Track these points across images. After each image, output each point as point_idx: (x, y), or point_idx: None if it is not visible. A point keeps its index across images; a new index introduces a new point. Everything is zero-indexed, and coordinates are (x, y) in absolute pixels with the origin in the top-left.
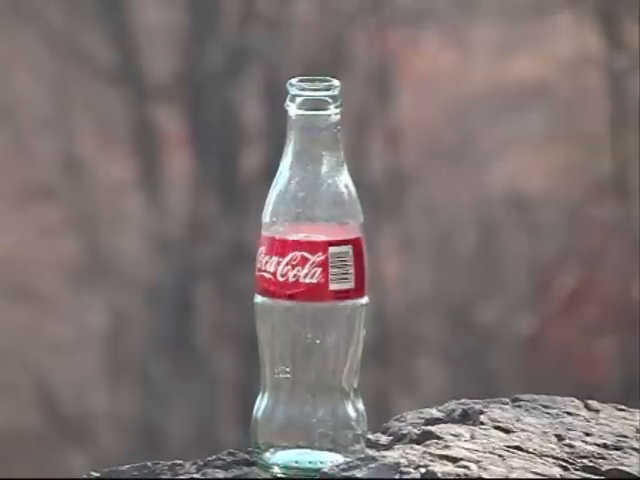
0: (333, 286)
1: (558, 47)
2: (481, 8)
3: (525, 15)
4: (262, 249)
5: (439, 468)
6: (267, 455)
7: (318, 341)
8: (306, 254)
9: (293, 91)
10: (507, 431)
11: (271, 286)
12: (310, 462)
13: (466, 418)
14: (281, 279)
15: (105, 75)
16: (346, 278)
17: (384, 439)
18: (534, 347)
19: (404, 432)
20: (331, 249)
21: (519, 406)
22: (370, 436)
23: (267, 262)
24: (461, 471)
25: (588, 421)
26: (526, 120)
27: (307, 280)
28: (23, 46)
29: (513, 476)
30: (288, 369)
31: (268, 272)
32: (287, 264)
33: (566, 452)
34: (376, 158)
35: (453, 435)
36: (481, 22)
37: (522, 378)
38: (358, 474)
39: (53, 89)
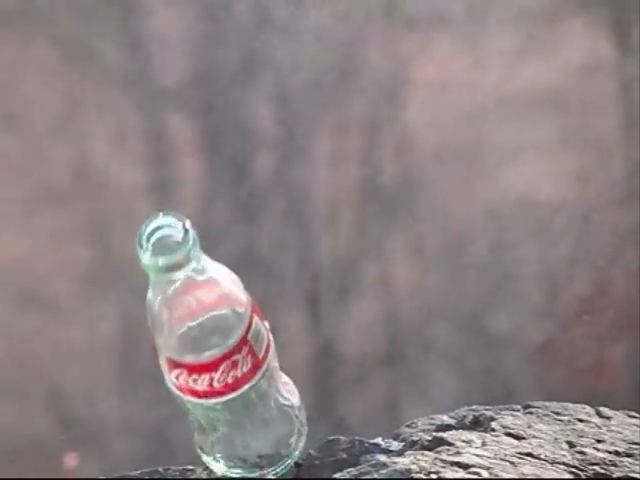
0: (260, 355)
1: (570, 53)
2: (494, 14)
3: (537, 21)
4: (182, 371)
5: (450, 474)
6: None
7: (262, 402)
8: (235, 357)
9: (144, 248)
10: (518, 438)
11: (209, 390)
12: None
13: (477, 425)
14: (219, 384)
15: (117, 80)
16: (262, 342)
17: (395, 445)
18: (546, 354)
19: (415, 438)
20: (249, 336)
21: (530, 413)
22: (381, 442)
23: (196, 380)
24: (472, 478)
25: (600, 428)
26: (538, 126)
27: (244, 370)
28: (34, 51)
29: None
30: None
31: (202, 385)
32: (222, 373)
33: (577, 459)
34: (387, 164)
35: (464, 442)
36: (493, 28)
37: (534, 385)
38: None
39: (65, 94)
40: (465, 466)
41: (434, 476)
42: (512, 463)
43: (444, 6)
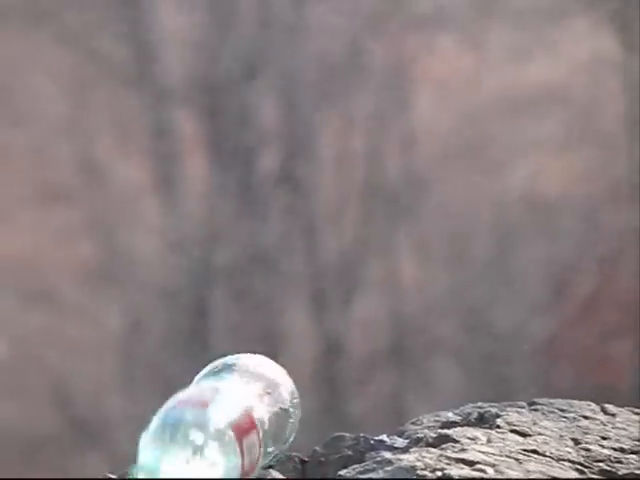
0: (257, 462)
1: (574, 50)
2: (498, 12)
3: (542, 19)
4: None
5: (455, 471)
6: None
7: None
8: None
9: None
10: (524, 435)
11: None
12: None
13: (483, 421)
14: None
15: (122, 77)
16: (256, 451)
17: (400, 442)
18: (551, 350)
19: (420, 435)
20: (246, 467)
21: (536, 410)
22: (386, 439)
23: None
24: (477, 475)
25: (605, 425)
26: (543, 123)
27: (257, 452)
28: (40, 48)
29: None
30: None
31: None
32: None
33: (582, 456)
34: (393, 161)
35: (469, 438)
36: (498, 26)
37: (539, 381)
38: (374, 477)
39: (70, 91)
40: (470, 463)
41: (439, 473)
42: (517, 460)
43: (449, 4)
